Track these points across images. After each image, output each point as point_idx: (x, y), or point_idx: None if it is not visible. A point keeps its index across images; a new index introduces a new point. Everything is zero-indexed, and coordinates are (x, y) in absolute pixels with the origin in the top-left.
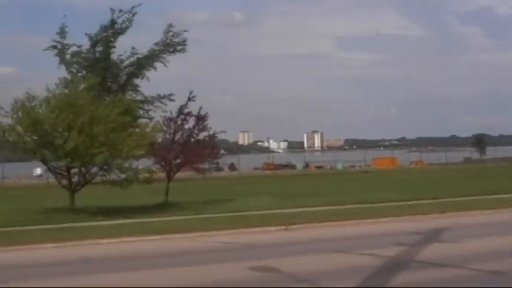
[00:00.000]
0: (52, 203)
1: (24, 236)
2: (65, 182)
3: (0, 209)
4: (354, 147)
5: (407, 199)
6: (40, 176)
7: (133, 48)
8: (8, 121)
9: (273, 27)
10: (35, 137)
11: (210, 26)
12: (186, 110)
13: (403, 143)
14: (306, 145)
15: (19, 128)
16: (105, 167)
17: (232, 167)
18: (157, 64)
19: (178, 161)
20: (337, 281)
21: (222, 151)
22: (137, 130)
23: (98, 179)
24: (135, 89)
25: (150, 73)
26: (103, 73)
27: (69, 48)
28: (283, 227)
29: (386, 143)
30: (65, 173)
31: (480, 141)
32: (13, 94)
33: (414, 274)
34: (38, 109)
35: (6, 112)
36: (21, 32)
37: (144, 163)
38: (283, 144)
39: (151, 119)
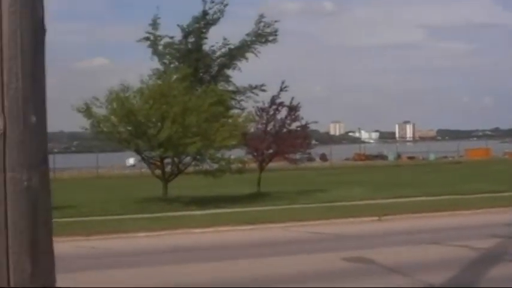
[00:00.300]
0: (145, 192)
1: (118, 225)
2: (158, 172)
3: (95, 199)
4: (447, 138)
5: (501, 190)
6: (133, 166)
7: (225, 39)
8: (102, 112)
9: (364, 16)
10: (129, 128)
11: (301, 15)
12: (278, 100)
13: (496, 134)
14: (397, 135)
15: (114, 119)
16: (198, 157)
17: (323, 158)
18: (249, 55)
19: (271, 151)
20: (431, 272)
21: (313, 141)
22: (229, 120)
23: (190, 169)
24: (227, 79)
25: (241, 63)
26: (195, 64)
27: (161, 39)
28: (377, 218)
29: (480, 134)
30: (159, 163)
31: None
32: (107, 85)
33: (510, 267)
34: (132, 100)
35: (101, 103)
36: (114, 23)
37: (236, 153)
38: (375, 135)
39: (243, 109)
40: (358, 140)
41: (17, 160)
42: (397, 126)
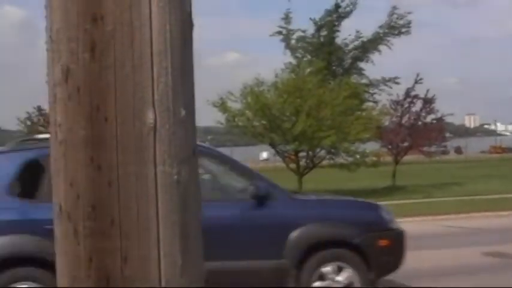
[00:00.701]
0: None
1: None
2: (292, 165)
3: None
4: None
5: None
6: (266, 159)
7: (357, 31)
8: (237, 106)
9: (499, 5)
10: (264, 121)
11: (433, 6)
12: (413, 93)
13: None
14: None
15: (248, 113)
16: (332, 150)
17: (458, 150)
18: (382, 47)
19: (406, 144)
20: None
21: (448, 134)
22: (364, 113)
23: (324, 162)
24: (360, 72)
25: (374, 56)
26: (328, 57)
27: (294, 33)
28: None
29: None
30: (293, 157)
31: None
32: (239, 79)
33: None
34: (266, 94)
35: (236, 97)
36: (247, 18)
37: (370, 146)
38: (511, 127)
39: (376, 102)
40: (493, 133)
41: (167, 153)
42: None
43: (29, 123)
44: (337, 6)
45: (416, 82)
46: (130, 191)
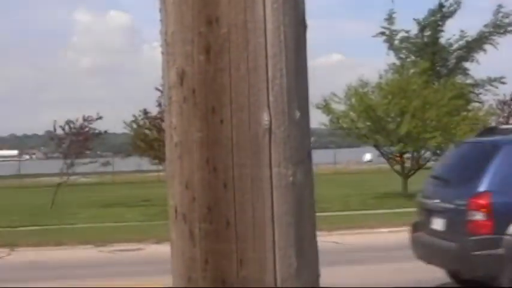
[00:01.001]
0: (384, 188)
1: (360, 220)
2: (397, 167)
3: (335, 194)
4: None
5: None
6: (370, 161)
7: (462, 31)
8: (341, 108)
9: None
10: (368, 123)
11: None
12: None
13: None
14: None
15: (352, 114)
16: (438, 151)
17: None
18: (487, 46)
19: None
20: None
21: None
22: (470, 114)
23: (430, 163)
24: (464, 72)
25: (479, 55)
26: (431, 57)
27: (397, 34)
28: None
29: None
30: (398, 158)
31: None
32: (342, 81)
33: None
34: (371, 95)
35: (340, 99)
36: (348, 19)
37: None
38: None
39: (482, 102)
40: None
41: (282, 155)
42: None
43: (135, 126)
44: (441, 5)
45: None
46: (245, 193)
